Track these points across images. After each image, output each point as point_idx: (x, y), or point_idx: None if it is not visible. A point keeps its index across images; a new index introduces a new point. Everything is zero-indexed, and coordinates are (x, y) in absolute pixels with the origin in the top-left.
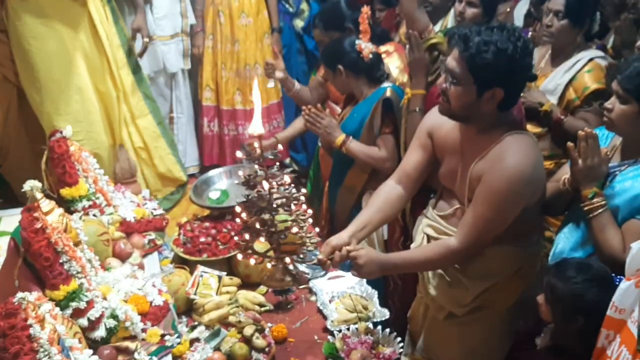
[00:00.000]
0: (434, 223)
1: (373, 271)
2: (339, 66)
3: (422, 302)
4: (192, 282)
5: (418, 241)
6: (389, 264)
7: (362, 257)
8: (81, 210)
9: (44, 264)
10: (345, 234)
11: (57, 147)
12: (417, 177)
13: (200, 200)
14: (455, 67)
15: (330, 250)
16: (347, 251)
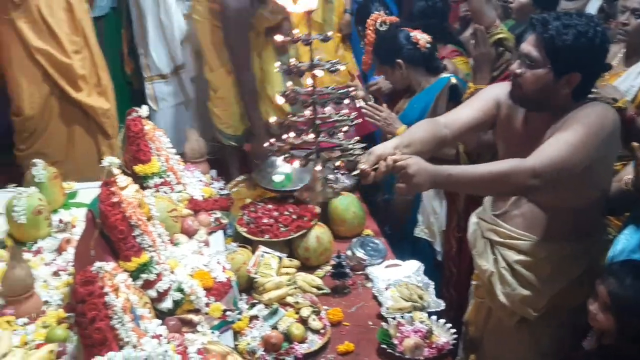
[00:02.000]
0: (494, 227)
1: (423, 182)
2: (398, 60)
3: (482, 307)
4: (253, 262)
5: (480, 248)
6: (442, 174)
7: (411, 166)
8: (153, 187)
9: (118, 236)
10: (391, 144)
11: (133, 125)
12: (462, 131)
13: (265, 182)
14: (531, 50)
15: (374, 159)
16: (394, 160)
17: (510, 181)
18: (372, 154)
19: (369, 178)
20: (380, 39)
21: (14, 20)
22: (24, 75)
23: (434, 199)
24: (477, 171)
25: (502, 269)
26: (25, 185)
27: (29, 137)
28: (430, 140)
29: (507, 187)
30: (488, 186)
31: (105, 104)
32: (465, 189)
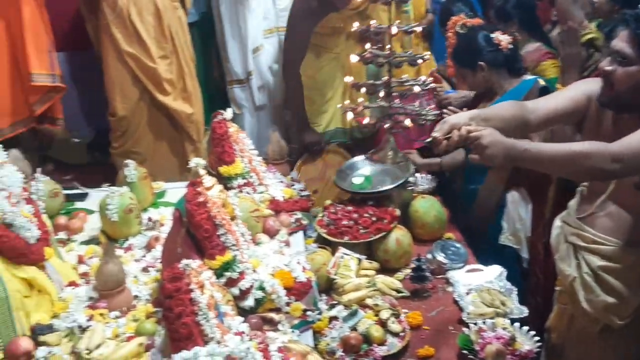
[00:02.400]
0: (579, 230)
1: (497, 154)
2: (479, 63)
3: (565, 313)
4: (333, 263)
5: (563, 252)
6: (517, 149)
7: (486, 137)
8: (236, 188)
9: (203, 234)
10: (467, 115)
11: (218, 128)
12: (548, 118)
13: (344, 184)
14: (624, 47)
15: (448, 128)
16: (467, 131)
17: (590, 162)
18: (447, 122)
19: (440, 146)
20: (459, 42)
21: (109, 24)
22: (117, 78)
23: (519, 205)
24: (556, 148)
25: (585, 274)
26: (117, 184)
27: (122, 136)
28: (512, 121)
29: (585, 168)
30: (565, 165)
31: (189, 109)
32: (540, 166)
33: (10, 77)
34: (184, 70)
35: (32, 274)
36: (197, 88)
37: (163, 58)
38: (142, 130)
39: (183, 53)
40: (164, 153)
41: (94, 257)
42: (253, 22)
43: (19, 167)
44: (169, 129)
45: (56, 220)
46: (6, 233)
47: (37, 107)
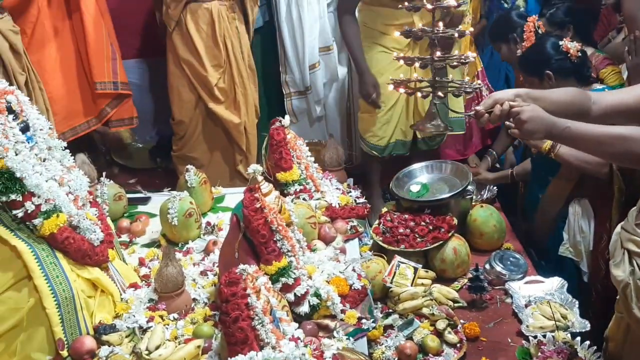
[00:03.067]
0: (635, 237)
1: (537, 129)
2: (547, 72)
3: (622, 322)
4: (389, 271)
5: (617, 258)
6: (559, 126)
7: (526, 112)
8: (293, 194)
9: (260, 240)
10: (512, 91)
11: (276, 134)
12: (609, 111)
13: (402, 192)
14: None
15: (491, 102)
16: (510, 106)
17: (627, 145)
18: (491, 97)
19: (482, 119)
20: (527, 50)
21: (171, 32)
22: (175, 84)
23: (581, 217)
24: (597, 129)
25: (639, 280)
26: (178, 189)
27: (180, 140)
28: (568, 105)
29: (622, 151)
30: (604, 145)
31: (236, 119)
32: (580, 144)
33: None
34: (236, 80)
35: (96, 275)
36: (250, 98)
37: (216, 67)
38: (198, 136)
39: (237, 63)
40: (217, 160)
41: (155, 260)
42: (309, 39)
43: (85, 171)
44: (221, 136)
45: (119, 223)
46: (72, 235)
47: (105, 111)
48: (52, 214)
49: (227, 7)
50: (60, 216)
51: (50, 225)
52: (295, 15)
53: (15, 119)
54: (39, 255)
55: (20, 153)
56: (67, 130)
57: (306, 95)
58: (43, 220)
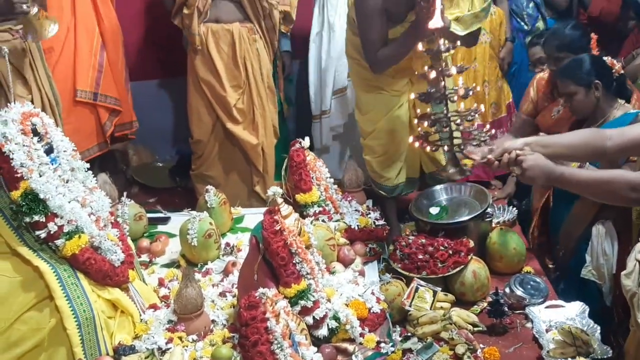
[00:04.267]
0: None
1: (537, 176)
2: (596, 81)
3: (635, 336)
4: (408, 294)
5: (629, 268)
6: (555, 173)
7: (528, 160)
8: (312, 215)
9: (279, 262)
10: (521, 141)
11: (296, 156)
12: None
13: (421, 214)
14: None
15: (500, 152)
16: (516, 155)
17: (611, 189)
18: (500, 146)
19: (493, 167)
20: (578, 59)
21: (191, 52)
22: (194, 103)
23: (604, 240)
24: (586, 174)
25: None
26: (198, 210)
27: (198, 159)
28: (582, 146)
29: (608, 194)
30: (593, 190)
31: (254, 140)
32: (574, 189)
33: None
34: (255, 101)
35: (116, 296)
36: (268, 119)
37: (235, 87)
38: (216, 156)
39: (256, 84)
40: (234, 179)
41: (174, 281)
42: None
43: (107, 191)
44: (239, 157)
45: (140, 243)
46: (93, 256)
47: (107, 126)
48: (74, 235)
49: (248, 29)
50: (82, 237)
51: (72, 246)
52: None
53: (40, 141)
54: (61, 276)
55: (44, 174)
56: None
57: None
58: (65, 241)
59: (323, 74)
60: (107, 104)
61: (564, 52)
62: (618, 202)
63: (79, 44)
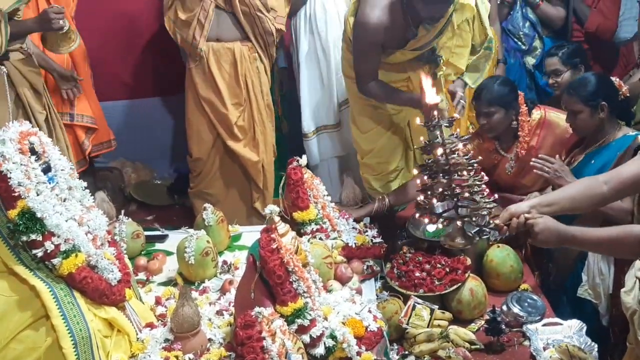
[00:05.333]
0: None
1: (549, 239)
2: (602, 103)
3: (633, 353)
4: (405, 312)
5: (629, 286)
6: (567, 235)
7: (539, 225)
8: (309, 233)
9: (276, 281)
10: (526, 204)
11: (293, 174)
12: (623, 187)
13: (418, 232)
14: None
15: (508, 216)
16: (525, 219)
17: (624, 245)
18: (507, 211)
19: (502, 232)
20: (586, 77)
21: (191, 70)
22: (194, 121)
23: (601, 260)
24: (596, 235)
25: None
26: (195, 228)
27: (197, 177)
28: (582, 197)
29: (623, 251)
30: (606, 249)
31: (255, 157)
32: (590, 249)
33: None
34: (256, 118)
35: (113, 315)
36: (268, 136)
37: (236, 105)
38: (215, 173)
39: (257, 102)
40: (233, 197)
41: (171, 299)
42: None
43: (104, 209)
44: (239, 174)
45: (137, 261)
46: (90, 274)
47: (85, 145)
48: (71, 254)
49: (249, 47)
50: (78, 256)
51: (69, 265)
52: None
53: (38, 159)
54: (57, 295)
55: (41, 193)
56: None
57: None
58: (62, 259)
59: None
60: (84, 123)
61: (494, 107)
62: (631, 257)
63: None
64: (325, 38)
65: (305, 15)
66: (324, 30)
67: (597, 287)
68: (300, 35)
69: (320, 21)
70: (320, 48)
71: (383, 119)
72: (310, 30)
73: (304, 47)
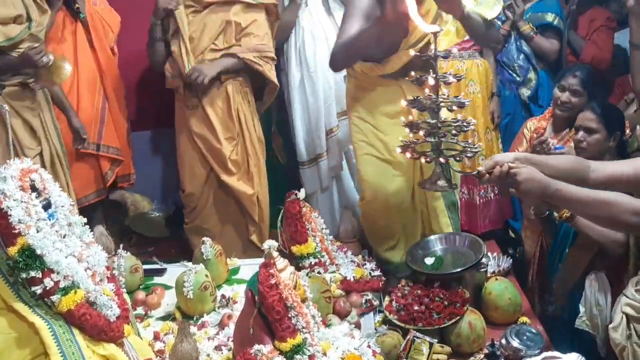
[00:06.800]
0: (633, 301)
1: (531, 189)
2: (617, 132)
3: None
4: (404, 346)
5: (616, 321)
6: (550, 187)
7: (522, 174)
8: (308, 267)
9: (275, 316)
10: (512, 155)
11: (292, 207)
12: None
13: (416, 265)
14: None
15: (492, 164)
16: (509, 167)
17: (611, 210)
18: (492, 159)
19: (483, 179)
20: (611, 105)
21: (182, 107)
22: (187, 156)
23: (597, 291)
24: (585, 192)
25: (635, 344)
26: (194, 261)
27: (191, 212)
28: (567, 171)
29: (607, 215)
30: (590, 209)
31: (250, 190)
32: (570, 206)
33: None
34: (249, 151)
35: (111, 351)
36: (261, 169)
37: (229, 139)
38: (210, 208)
39: (249, 135)
40: (229, 231)
41: (170, 334)
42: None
43: (103, 243)
44: (234, 208)
45: (135, 295)
46: (89, 311)
47: (108, 175)
48: (70, 291)
49: (240, 82)
50: (78, 292)
51: (68, 301)
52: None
53: (38, 196)
54: (56, 332)
55: (41, 230)
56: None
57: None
58: (61, 296)
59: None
60: (109, 154)
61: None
62: (615, 225)
63: (82, 97)
64: (314, 66)
65: (295, 44)
66: (312, 58)
67: (594, 319)
68: (292, 65)
69: (309, 49)
70: (308, 76)
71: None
72: (299, 59)
73: (295, 77)
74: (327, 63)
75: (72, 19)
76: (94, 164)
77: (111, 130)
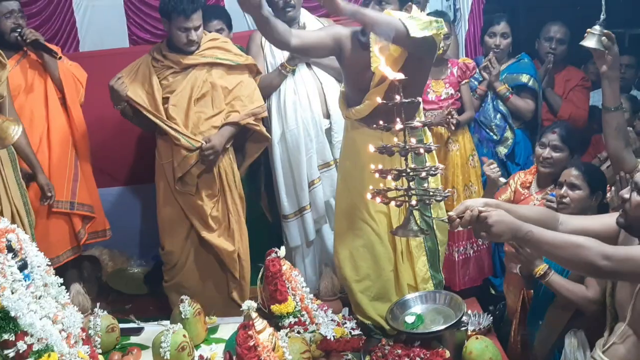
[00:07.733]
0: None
1: (503, 232)
2: (600, 192)
3: None
4: None
5: None
6: (521, 230)
7: (492, 217)
8: (287, 326)
9: None
10: (482, 200)
11: (272, 266)
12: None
13: (396, 323)
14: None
15: (462, 209)
16: (479, 211)
17: (581, 253)
18: (463, 204)
19: (454, 224)
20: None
21: (163, 166)
22: (167, 215)
23: (577, 350)
24: (556, 235)
25: None
26: (172, 321)
27: (171, 270)
28: (536, 221)
29: (577, 258)
30: (560, 251)
31: (230, 247)
32: (540, 249)
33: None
34: (230, 208)
35: None
36: (242, 226)
37: (210, 196)
38: (190, 265)
39: (230, 192)
40: (209, 288)
41: None
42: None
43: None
44: (214, 265)
45: (111, 356)
46: None
47: (81, 234)
48: (43, 354)
49: None
50: (51, 356)
51: None
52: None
53: (14, 257)
54: None
55: (16, 292)
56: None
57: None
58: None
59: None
60: (83, 212)
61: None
62: (585, 269)
63: (54, 154)
64: (295, 123)
65: (277, 101)
66: (292, 115)
67: None
68: (273, 121)
69: (289, 107)
70: (289, 131)
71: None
72: (280, 116)
73: (276, 132)
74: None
75: (41, 69)
76: (65, 223)
77: (84, 187)
